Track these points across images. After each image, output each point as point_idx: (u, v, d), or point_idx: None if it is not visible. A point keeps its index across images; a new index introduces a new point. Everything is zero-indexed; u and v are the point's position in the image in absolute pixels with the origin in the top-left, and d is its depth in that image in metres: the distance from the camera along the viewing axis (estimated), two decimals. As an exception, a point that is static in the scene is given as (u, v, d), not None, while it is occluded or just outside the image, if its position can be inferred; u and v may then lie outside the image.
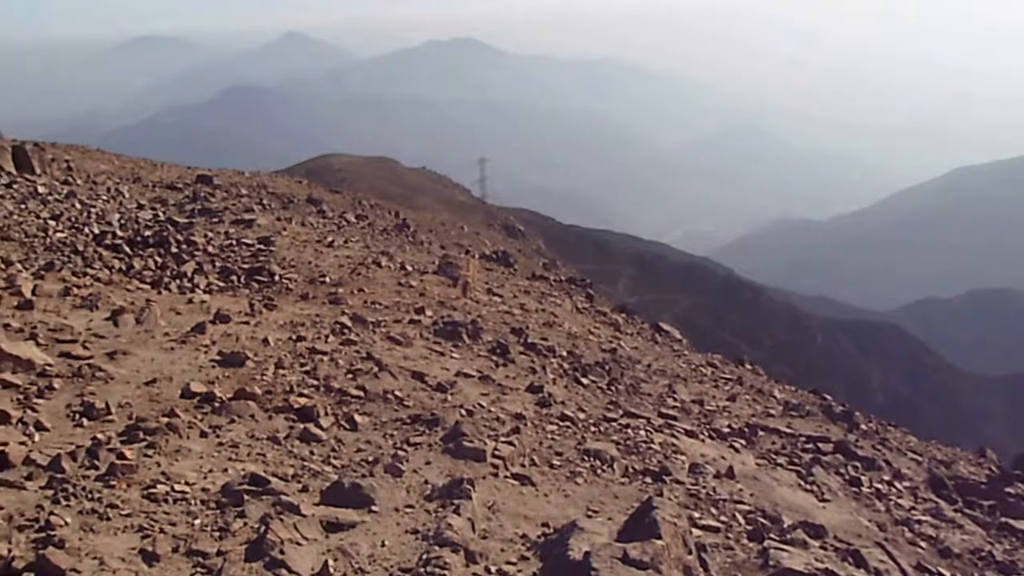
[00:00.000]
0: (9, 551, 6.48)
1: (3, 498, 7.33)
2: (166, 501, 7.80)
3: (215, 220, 23.05)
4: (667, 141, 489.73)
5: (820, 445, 15.64)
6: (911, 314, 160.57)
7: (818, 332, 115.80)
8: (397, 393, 12.10)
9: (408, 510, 8.58)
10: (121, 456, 8.33)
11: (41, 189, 21.90)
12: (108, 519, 7.29)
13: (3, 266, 15.27)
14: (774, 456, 14.51)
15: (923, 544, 11.93)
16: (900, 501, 13.74)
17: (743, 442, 14.81)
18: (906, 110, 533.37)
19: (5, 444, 8.19)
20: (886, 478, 14.82)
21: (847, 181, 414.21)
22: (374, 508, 8.38)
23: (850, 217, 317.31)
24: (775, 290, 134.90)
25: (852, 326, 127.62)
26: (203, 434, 9.53)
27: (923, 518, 13.11)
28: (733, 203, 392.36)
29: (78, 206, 21.21)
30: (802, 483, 13.23)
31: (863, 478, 14.27)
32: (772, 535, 10.08)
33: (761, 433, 15.75)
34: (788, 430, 16.34)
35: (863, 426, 18.95)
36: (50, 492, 7.57)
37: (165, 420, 9.47)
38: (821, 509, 12.07)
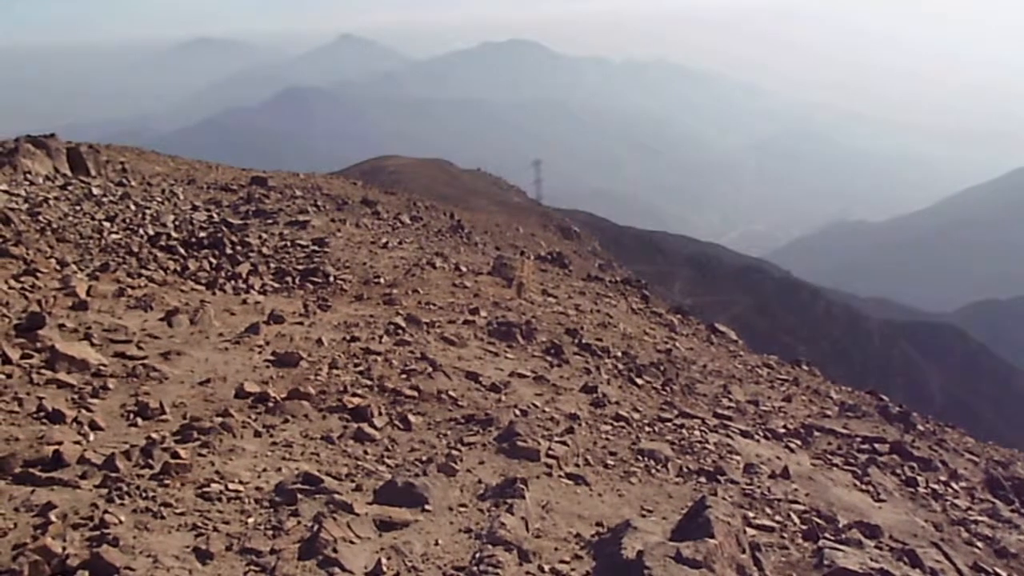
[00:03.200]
0: (63, 549, 6.50)
1: (58, 496, 7.36)
2: (220, 500, 7.82)
3: (270, 221, 23.20)
4: (721, 143, 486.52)
5: (876, 446, 15.49)
6: (969, 316, 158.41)
7: (876, 334, 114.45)
8: (451, 393, 12.13)
9: (461, 509, 8.57)
10: (175, 455, 8.36)
11: (96, 191, 22.11)
12: (162, 518, 7.31)
13: (58, 267, 15.37)
14: (830, 456, 14.39)
15: (979, 544, 11.80)
16: (956, 501, 13.59)
17: (798, 442, 14.71)
18: (961, 111, 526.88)
19: (60, 443, 8.24)
20: (942, 478, 14.66)
21: (903, 182, 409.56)
22: (427, 507, 8.37)
23: (907, 218, 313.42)
24: (832, 291, 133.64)
25: (910, 328, 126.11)
26: (257, 434, 9.57)
27: (979, 518, 12.96)
28: (788, 204, 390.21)
29: (133, 207, 21.38)
30: (858, 483, 13.12)
31: (919, 478, 14.12)
32: (827, 535, 9.99)
33: (817, 434, 15.63)
34: (844, 431, 16.19)
35: (920, 427, 18.75)
36: (104, 491, 7.60)
37: (219, 420, 9.53)
38: (877, 509, 11.96)
